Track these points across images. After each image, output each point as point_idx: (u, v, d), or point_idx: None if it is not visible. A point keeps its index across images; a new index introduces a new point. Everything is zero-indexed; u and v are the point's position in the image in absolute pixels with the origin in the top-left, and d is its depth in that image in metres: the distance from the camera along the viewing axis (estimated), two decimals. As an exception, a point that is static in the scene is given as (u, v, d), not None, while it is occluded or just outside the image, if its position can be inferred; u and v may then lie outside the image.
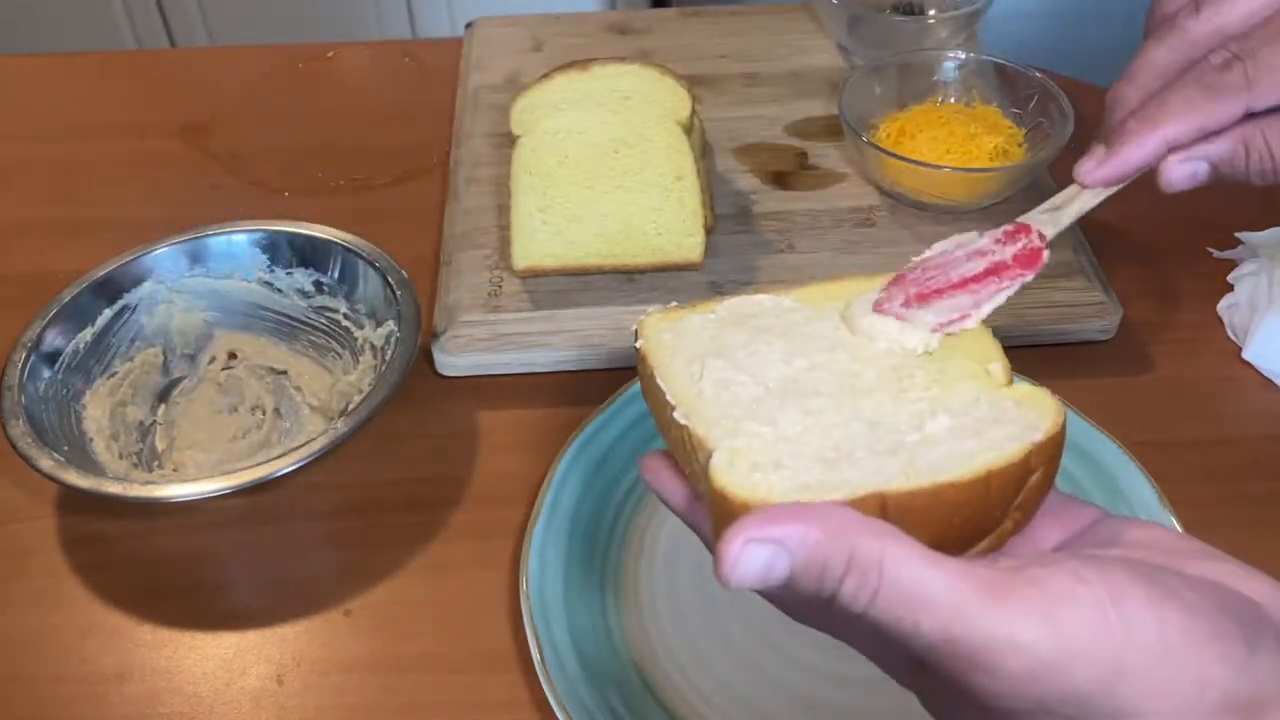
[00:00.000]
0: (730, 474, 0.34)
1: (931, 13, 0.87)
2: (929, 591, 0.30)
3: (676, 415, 0.37)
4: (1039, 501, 0.36)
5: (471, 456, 0.62)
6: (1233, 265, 0.69)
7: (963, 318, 0.40)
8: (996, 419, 0.36)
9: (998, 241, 0.42)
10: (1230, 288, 0.69)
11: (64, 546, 0.59)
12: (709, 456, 0.35)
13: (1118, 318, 0.67)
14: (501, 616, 0.55)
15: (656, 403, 0.39)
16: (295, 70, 0.93)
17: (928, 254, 0.43)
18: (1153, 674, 0.30)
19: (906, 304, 0.40)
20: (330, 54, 0.95)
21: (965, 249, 0.42)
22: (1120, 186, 0.46)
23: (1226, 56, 0.44)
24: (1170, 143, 0.44)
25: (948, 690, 0.32)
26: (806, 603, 0.33)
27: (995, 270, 0.41)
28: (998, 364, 0.38)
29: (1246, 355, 0.66)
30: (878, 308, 0.40)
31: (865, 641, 0.36)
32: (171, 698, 0.52)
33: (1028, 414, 0.36)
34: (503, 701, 0.52)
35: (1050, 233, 0.43)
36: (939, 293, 0.40)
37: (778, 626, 0.53)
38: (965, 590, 0.30)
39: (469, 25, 0.93)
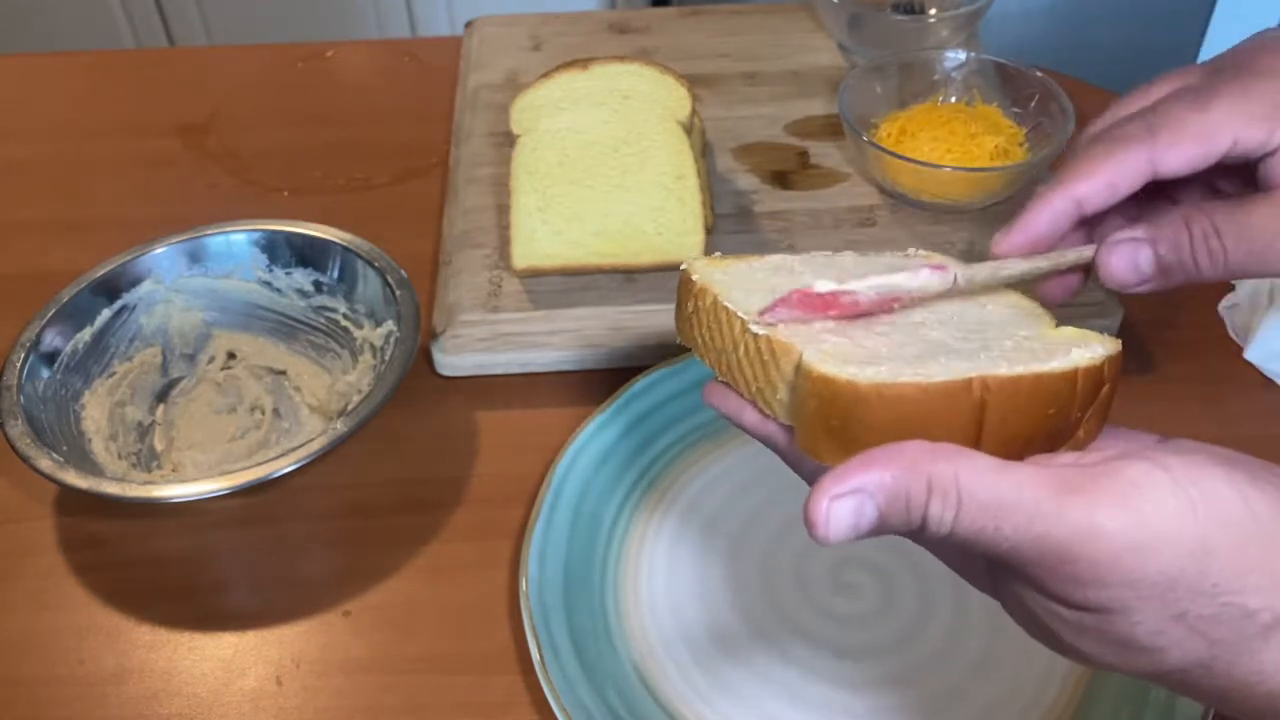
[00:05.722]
0: (827, 366, 0.35)
1: (932, 12, 0.87)
2: (1006, 496, 0.32)
3: (753, 328, 0.37)
4: (1105, 417, 0.38)
5: (471, 456, 0.62)
6: (1234, 265, 0.69)
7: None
8: (1064, 342, 0.38)
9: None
10: (1231, 287, 0.68)
11: (62, 547, 0.58)
12: (797, 359, 0.36)
13: (1118, 317, 0.66)
14: (501, 616, 0.55)
15: (713, 330, 0.40)
16: (294, 69, 0.93)
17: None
18: (1244, 550, 0.31)
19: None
20: (329, 53, 0.95)
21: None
22: (1051, 265, 0.42)
23: (1134, 115, 0.43)
24: (1079, 201, 0.42)
25: (1036, 592, 0.33)
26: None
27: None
28: (1045, 314, 0.41)
29: (1247, 355, 0.66)
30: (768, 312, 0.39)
31: (950, 556, 0.38)
32: (170, 699, 0.52)
33: (1090, 340, 0.38)
34: (503, 702, 0.52)
35: (961, 278, 0.41)
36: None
37: (778, 626, 0.53)
38: (1041, 488, 0.32)
39: (468, 24, 0.93)
